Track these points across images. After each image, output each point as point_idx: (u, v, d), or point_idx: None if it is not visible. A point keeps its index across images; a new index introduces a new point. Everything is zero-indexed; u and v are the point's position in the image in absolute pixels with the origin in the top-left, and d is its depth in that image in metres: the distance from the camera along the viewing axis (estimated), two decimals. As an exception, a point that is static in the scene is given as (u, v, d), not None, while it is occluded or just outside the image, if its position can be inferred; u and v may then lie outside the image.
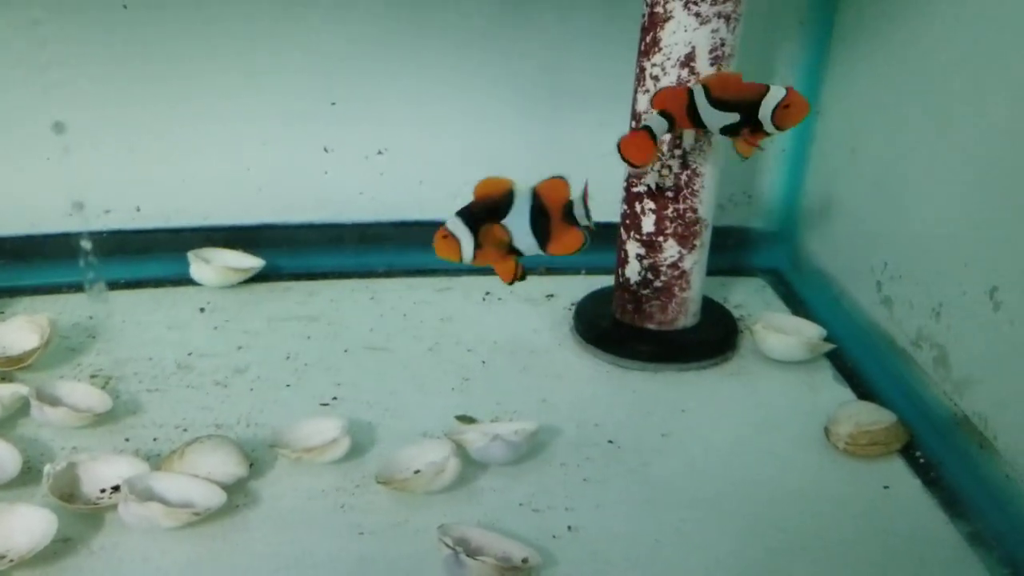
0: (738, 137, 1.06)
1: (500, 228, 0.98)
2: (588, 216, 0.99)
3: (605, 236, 1.47)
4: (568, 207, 0.99)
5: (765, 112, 1.02)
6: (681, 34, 1.11)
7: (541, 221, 0.98)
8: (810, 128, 1.44)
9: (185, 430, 1.07)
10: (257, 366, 1.20)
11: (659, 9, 1.11)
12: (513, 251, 1.00)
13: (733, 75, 1.07)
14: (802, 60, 1.42)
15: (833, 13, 1.37)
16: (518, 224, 0.99)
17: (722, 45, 1.11)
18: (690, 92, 1.04)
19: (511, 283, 1.03)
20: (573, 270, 1.48)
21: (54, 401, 1.07)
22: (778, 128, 1.03)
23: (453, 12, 1.36)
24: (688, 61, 1.11)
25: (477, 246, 0.98)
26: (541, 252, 1.00)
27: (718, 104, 1.04)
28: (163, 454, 1.01)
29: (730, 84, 1.04)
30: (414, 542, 0.92)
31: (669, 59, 1.12)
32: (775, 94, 1.02)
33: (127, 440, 1.05)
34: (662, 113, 1.04)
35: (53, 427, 1.06)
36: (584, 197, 0.99)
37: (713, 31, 1.10)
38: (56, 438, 1.05)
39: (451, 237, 0.98)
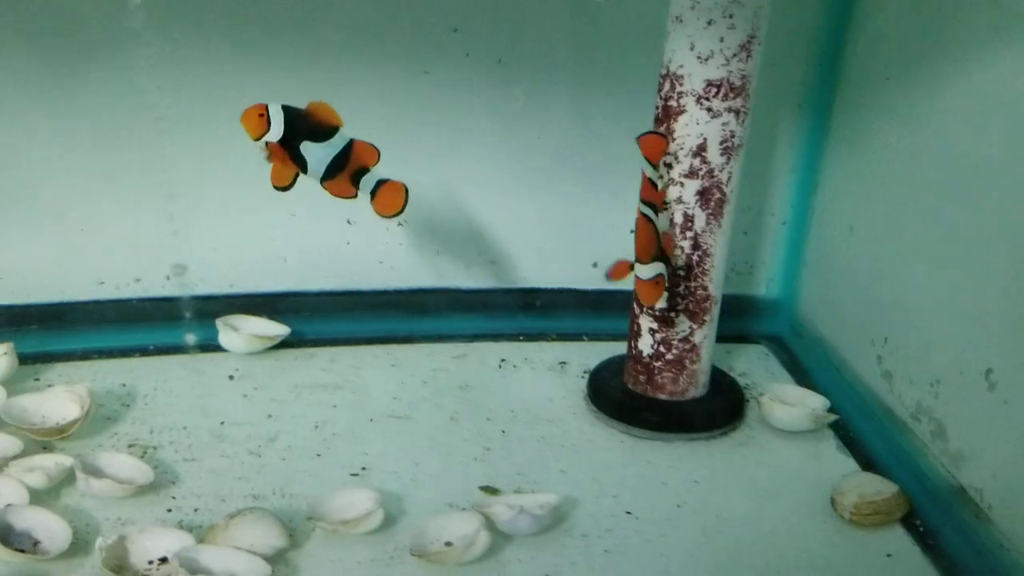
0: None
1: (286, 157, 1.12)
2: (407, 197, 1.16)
3: (605, 304, 1.56)
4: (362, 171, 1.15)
5: None
6: (693, 127, 1.18)
7: (342, 163, 1.13)
8: (809, 202, 1.51)
9: (223, 500, 1.12)
10: (287, 435, 1.25)
11: (672, 103, 1.18)
12: (300, 167, 1.12)
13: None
14: (800, 140, 1.50)
15: (832, 97, 1.44)
16: (322, 155, 1.12)
17: (732, 136, 1.19)
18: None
19: (278, 189, 1.15)
20: (576, 336, 1.55)
21: (97, 472, 1.12)
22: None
23: (475, 94, 1.43)
24: (700, 151, 1.19)
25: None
26: (319, 183, 1.14)
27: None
28: (205, 525, 1.06)
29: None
30: (448, 614, 0.97)
31: (682, 149, 1.19)
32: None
33: (169, 511, 1.10)
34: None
35: (97, 498, 1.10)
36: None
37: (723, 124, 1.17)
38: (100, 509, 1.09)
39: (264, 119, 1.09)
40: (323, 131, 1.12)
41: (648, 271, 1.15)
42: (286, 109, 1.11)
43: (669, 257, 1.20)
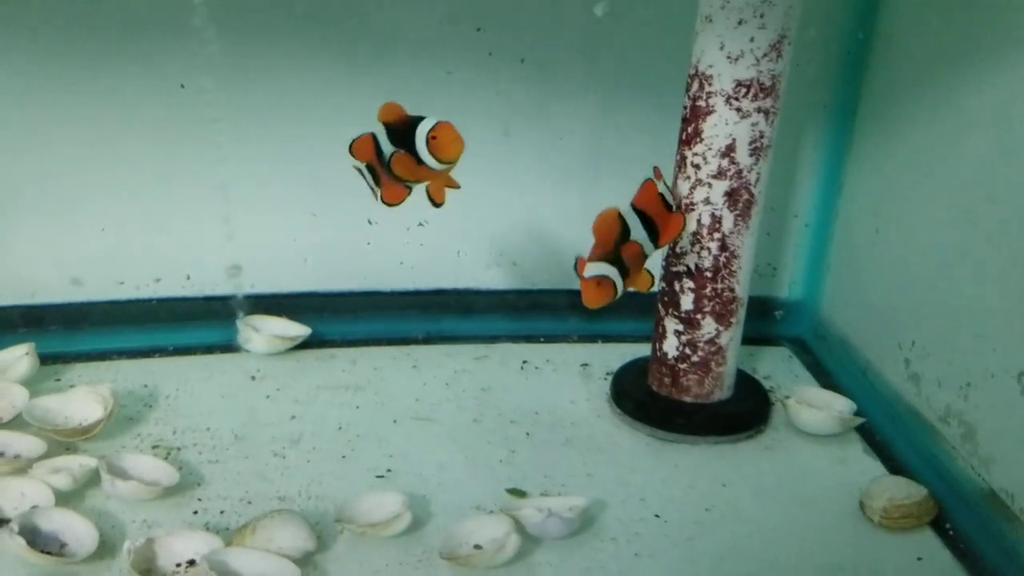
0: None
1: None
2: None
3: (627, 305, 1.54)
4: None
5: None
6: (722, 127, 1.17)
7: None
8: (833, 204, 1.50)
9: (250, 503, 1.11)
10: (311, 437, 1.24)
11: (701, 103, 1.18)
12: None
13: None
14: (825, 141, 1.49)
15: (857, 99, 1.43)
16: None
17: (761, 137, 1.18)
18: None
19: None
20: (597, 338, 1.55)
21: (122, 473, 1.11)
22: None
23: (497, 93, 1.42)
24: (728, 152, 1.18)
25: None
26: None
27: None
28: (231, 527, 1.06)
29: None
30: (480, 617, 0.97)
31: (710, 149, 1.18)
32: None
33: (195, 513, 1.09)
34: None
35: (122, 499, 1.09)
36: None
37: (753, 124, 1.17)
38: (125, 511, 1.08)
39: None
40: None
41: (592, 269, 1.10)
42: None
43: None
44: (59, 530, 1.02)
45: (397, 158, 1.07)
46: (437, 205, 1.13)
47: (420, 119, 1.06)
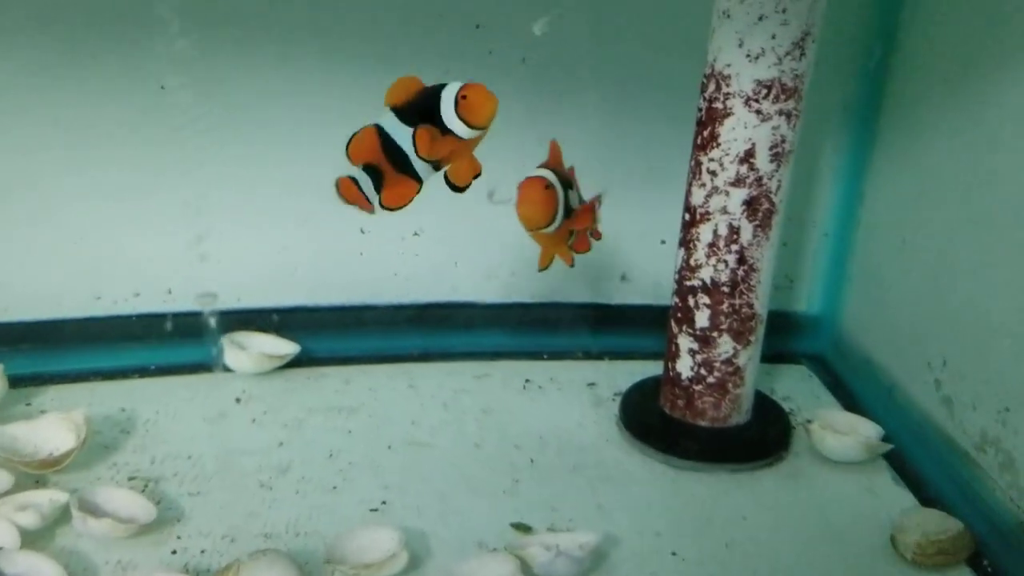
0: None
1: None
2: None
3: (634, 320, 1.47)
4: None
5: None
6: (741, 130, 1.09)
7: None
8: (855, 213, 1.42)
9: (233, 540, 1.02)
10: (300, 465, 1.16)
11: (718, 105, 1.10)
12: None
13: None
14: (846, 145, 1.41)
15: (881, 99, 1.35)
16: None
17: (783, 141, 1.10)
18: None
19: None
20: (604, 355, 1.47)
21: (95, 509, 1.03)
22: None
23: (495, 92, 1.34)
24: (748, 157, 1.10)
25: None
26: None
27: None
28: (213, 568, 0.97)
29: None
30: (483, 671, 0.88)
31: (728, 155, 1.10)
32: None
33: (174, 552, 1.00)
34: None
35: (95, 538, 1.01)
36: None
37: (774, 128, 1.09)
38: (99, 551, 1.00)
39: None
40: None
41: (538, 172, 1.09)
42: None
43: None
44: (24, 575, 0.94)
45: (421, 132, 0.93)
46: (460, 189, 1.00)
47: (441, 86, 0.94)
